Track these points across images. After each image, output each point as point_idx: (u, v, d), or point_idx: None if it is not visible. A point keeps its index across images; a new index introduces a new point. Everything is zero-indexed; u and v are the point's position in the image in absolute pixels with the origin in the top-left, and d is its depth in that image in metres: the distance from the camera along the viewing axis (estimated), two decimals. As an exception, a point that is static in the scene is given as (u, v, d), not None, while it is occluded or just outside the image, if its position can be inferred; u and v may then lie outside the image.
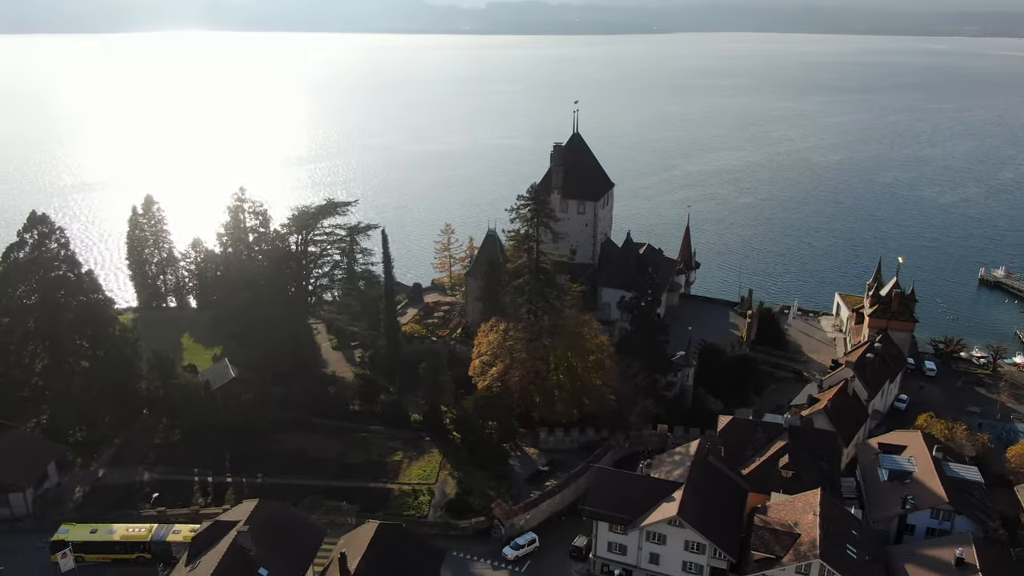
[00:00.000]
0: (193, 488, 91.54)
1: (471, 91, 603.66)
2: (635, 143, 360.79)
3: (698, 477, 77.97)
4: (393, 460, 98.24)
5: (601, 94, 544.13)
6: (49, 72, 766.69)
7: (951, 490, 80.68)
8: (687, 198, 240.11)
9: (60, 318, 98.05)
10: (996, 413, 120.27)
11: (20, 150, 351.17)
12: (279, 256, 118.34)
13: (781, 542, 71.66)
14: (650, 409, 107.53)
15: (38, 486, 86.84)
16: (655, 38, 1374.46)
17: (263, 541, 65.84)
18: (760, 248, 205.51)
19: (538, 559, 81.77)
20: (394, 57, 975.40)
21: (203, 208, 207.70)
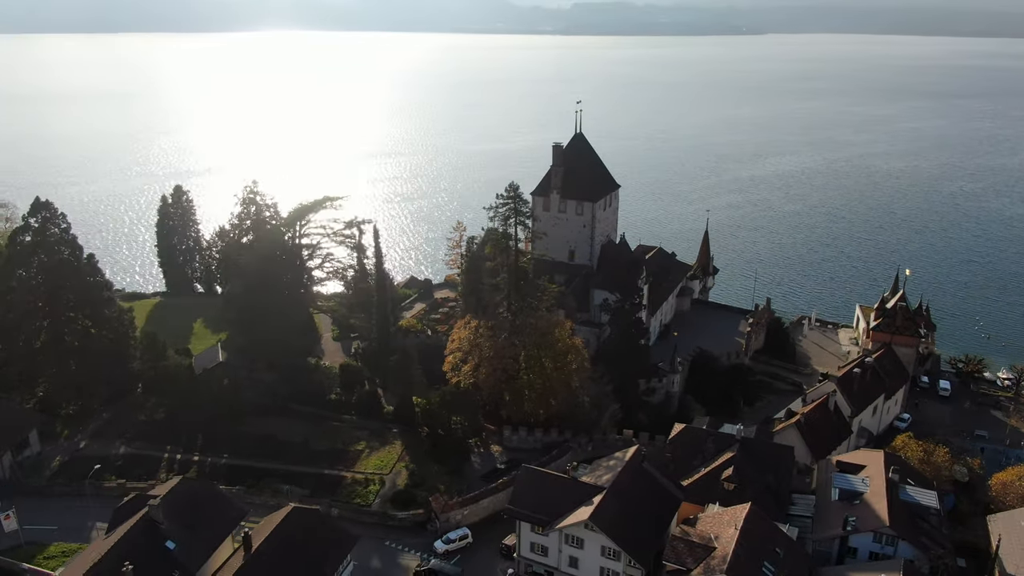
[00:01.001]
0: (160, 464, 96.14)
1: (540, 91, 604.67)
2: (690, 146, 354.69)
3: (624, 483, 76.79)
4: (355, 449, 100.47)
5: (670, 96, 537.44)
6: (159, 69, 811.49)
7: (898, 514, 76.89)
8: (730, 203, 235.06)
9: (59, 298, 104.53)
10: (1005, 438, 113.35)
11: (130, 140, 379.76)
12: (274, 247, 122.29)
13: (694, 554, 70.02)
14: (616, 413, 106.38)
15: (18, 453, 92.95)
16: (743, 40, 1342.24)
17: (178, 516, 68.88)
18: (792, 257, 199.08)
19: (469, 555, 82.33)
20: (474, 56, 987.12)
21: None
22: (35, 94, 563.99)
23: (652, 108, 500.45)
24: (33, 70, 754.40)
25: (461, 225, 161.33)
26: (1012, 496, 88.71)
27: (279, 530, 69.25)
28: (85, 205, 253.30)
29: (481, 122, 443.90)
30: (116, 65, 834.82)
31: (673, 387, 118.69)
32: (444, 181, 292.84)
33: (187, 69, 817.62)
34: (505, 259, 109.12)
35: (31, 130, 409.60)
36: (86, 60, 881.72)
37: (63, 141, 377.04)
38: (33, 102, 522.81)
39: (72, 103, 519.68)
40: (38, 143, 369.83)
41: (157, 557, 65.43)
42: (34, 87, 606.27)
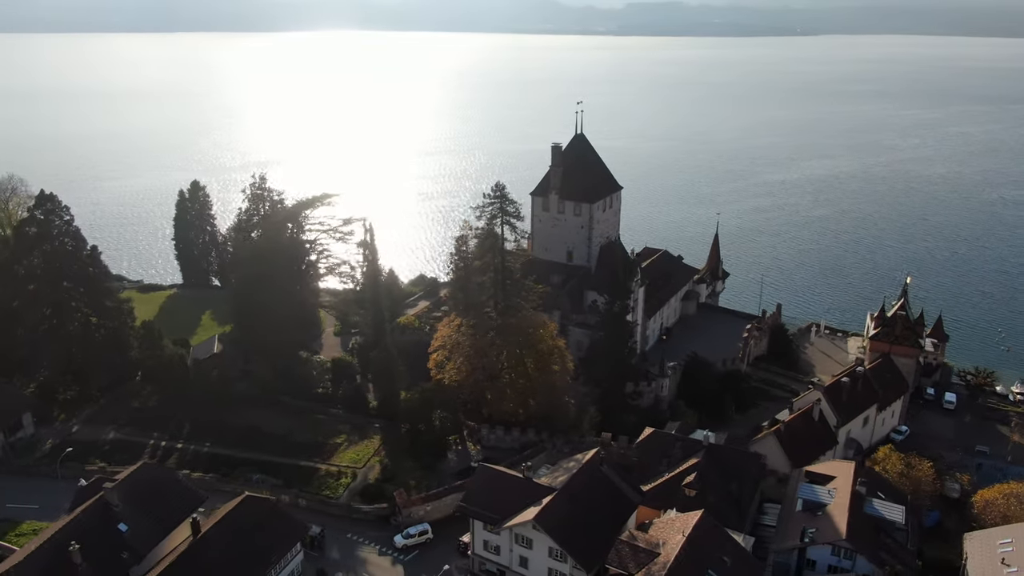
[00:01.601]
0: (145, 450, 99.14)
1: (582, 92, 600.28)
2: (726, 149, 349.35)
3: (577, 485, 76.57)
4: (334, 442, 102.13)
5: (715, 97, 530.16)
6: (218, 67, 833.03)
7: (859, 528, 75.01)
8: (756, 207, 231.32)
9: (61, 287, 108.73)
10: (1007, 455, 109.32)
11: (182, 137, 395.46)
12: (273, 241, 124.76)
13: (637, 559, 69.52)
14: (594, 416, 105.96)
15: (11, 434, 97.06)
16: (797, 41, 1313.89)
17: (134, 500, 71.29)
18: (812, 263, 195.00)
19: (427, 550, 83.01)
20: (522, 57, 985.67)
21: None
22: (97, 92, 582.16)
23: (695, 110, 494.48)
24: (96, 68, 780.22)
25: (468, 224, 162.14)
26: (993, 514, 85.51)
27: (229, 517, 71.04)
28: (121, 199, 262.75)
29: (518, 122, 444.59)
30: (177, 64, 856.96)
31: (662, 391, 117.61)
32: (469, 180, 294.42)
33: (245, 67, 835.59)
34: (492, 258, 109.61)
35: (84, 127, 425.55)
36: (148, 59, 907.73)
37: (115, 137, 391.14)
38: (94, 99, 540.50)
39: (133, 100, 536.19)
40: (89, 139, 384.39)
41: (108, 538, 67.80)
42: (96, 85, 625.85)
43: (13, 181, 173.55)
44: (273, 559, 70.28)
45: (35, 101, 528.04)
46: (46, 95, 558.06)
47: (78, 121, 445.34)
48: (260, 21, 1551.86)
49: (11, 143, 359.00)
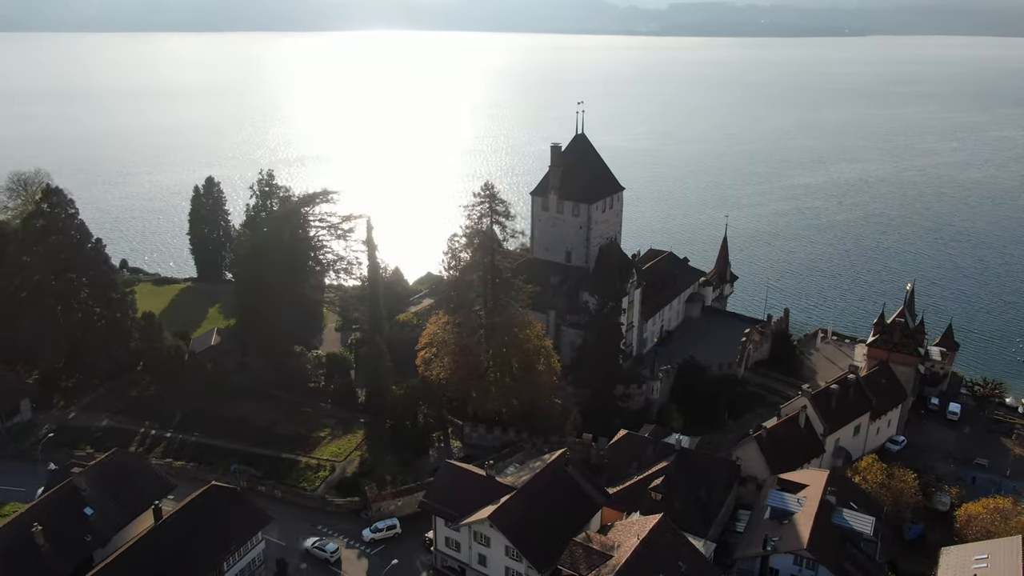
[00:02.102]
0: (135, 439, 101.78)
1: (620, 92, 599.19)
2: (754, 151, 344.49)
3: (539, 485, 76.59)
4: (317, 435, 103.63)
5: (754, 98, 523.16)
6: (266, 66, 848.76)
7: (823, 537, 73.59)
8: (777, 211, 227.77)
9: (65, 278, 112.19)
10: (1007, 468, 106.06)
11: (235, 131, 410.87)
12: (273, 237, 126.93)
13: (589, 561, 69.19)
14: (576, 418, 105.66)
15: (7, 419, 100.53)
16: (845, 41, 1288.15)
17: (103, 485, 73.47)
18: (828, 268, 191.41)
19: (394, 545, 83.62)
20: (564, 57, 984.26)
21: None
22: (152, 90, 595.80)
23: (729, 111, 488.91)
24: (152, 67, 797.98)
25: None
26: (975, 529, 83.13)
27: (192, 504, 72.70)
28: (152, 193, 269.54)
29: (551, 122, 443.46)
30: (229, 62, 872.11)
31: (653, 394, 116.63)
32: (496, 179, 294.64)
33: (294, 66, 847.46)
34: (481, 257, 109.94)
35: (138, 122, 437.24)
36: (202, 58, 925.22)
37: (167, 132, 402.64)
38: (149, 97, 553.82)
39: (185, 98, 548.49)
40: (143, 134, 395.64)
41: (73, 521, 69.94)
42: (151, 84, 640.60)
43: (40, 175, 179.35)
44: (232, 546, 71.64)
45: (91, 99, 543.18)
46: (103, 93, 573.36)
47: (132, 118, 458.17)
48: (309, 21, 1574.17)
49: (68, 138, 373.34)
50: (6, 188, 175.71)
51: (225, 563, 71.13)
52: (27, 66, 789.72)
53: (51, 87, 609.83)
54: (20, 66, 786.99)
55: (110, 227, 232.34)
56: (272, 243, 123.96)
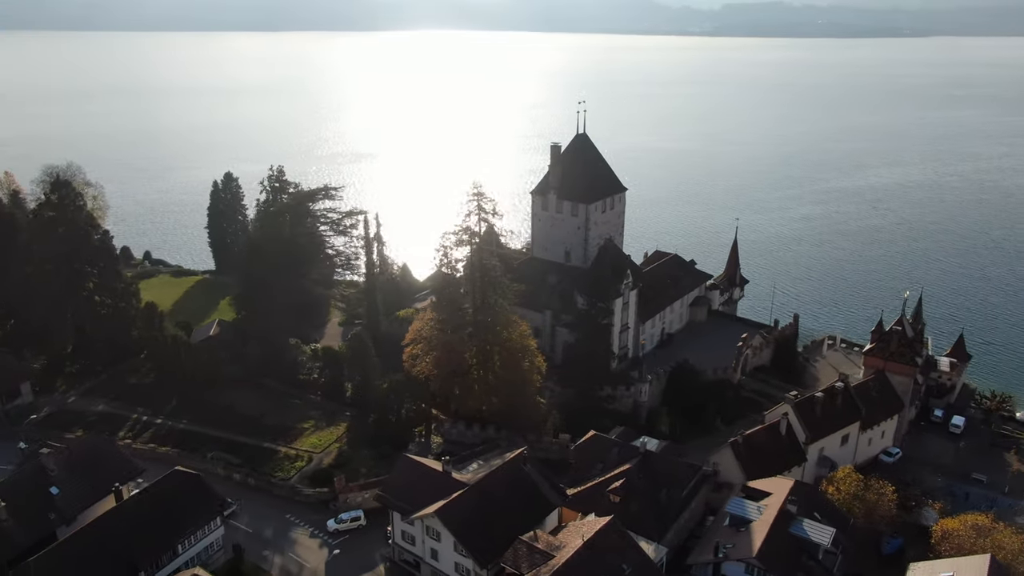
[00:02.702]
0: (126, 423, 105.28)
1: (667, 93, 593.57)
2: (792, 153, 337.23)
3: (492, 483, 76.88)
4: (300, 426, 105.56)
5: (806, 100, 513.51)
6: (322, 64, 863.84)
7: (776, 547, 72.20)
8: (805, 215, 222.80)
9: (72, 267, 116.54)
10: (1005, 485, 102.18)
11: (299, 126, 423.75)
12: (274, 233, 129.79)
13: (531, 560, 69.13)
14: (555, 417, 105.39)
15: (8, 400, 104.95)
16: (905, 42, 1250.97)
17: (71, 467, 76.37)
18: (847, 274, 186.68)
19: (358, 536, 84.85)
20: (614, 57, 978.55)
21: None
22: (209, 87, 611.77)
23: (780, 113, 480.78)
24: (209, 65, 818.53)
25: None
26: (950, 545, 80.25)
27: (153, 487, 75.20)
28: (188, 187, 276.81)
29: (603, 121, 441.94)
30: (284, 61, 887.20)
31: (642, 396, 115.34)
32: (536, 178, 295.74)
33: (347, 65, 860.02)
34: (469, 255, 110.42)
35: (199, 118, 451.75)
36: (258, 57, 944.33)
37: (216, 129, 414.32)
38: (206, 95, 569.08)
39: (240, 96, 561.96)
40: (204, 130, 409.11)
41: (38, 500, 73.01)
42: (209, 81, 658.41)
43: (71, 169, 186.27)
44: (188, 530, 73.64)
45: (154, 96, 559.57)
46: (168, 90, 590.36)
47: (193, 114, 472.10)
48: (363, 21, 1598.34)
49: (126, 133, 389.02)
50: (39, 181, 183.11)
51: (180, 545, 73.14)
52: (98, 64, 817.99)
53: (119, 84, 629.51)
54: (92, 64, 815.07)
55: (144, 219, 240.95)
56: (273, 237, 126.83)
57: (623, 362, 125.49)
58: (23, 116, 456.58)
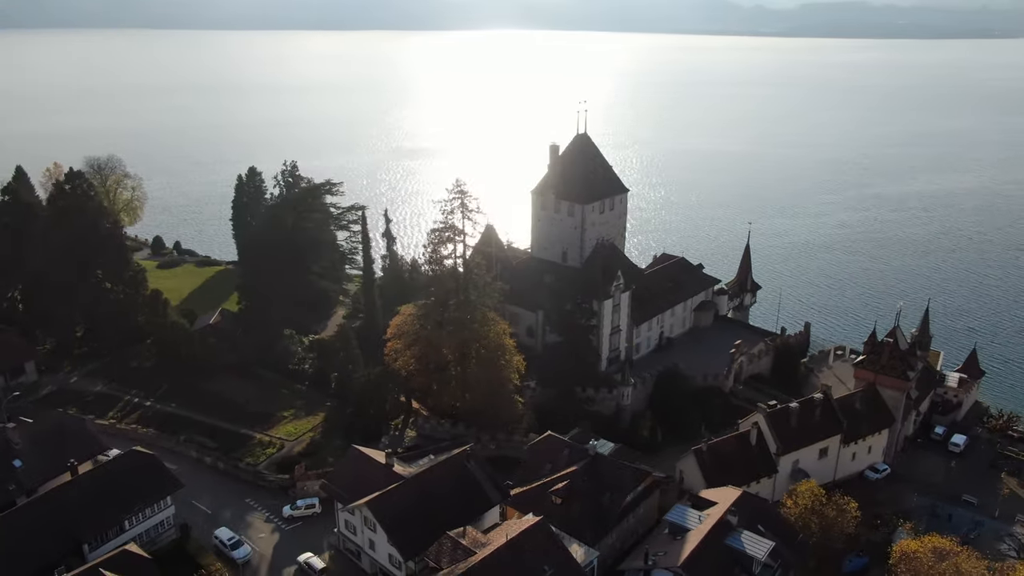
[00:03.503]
0: (117, 404, 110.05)
1: (734, 94, 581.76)
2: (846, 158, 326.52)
3: (431, 478, 77.80)
4: (280, 414, 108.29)
5: (872, 103, 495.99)
6: (390, 62, 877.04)
7: (705, 557, 70.62)
8: (841, 221, 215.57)
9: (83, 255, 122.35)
10: (995, 509, 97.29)
11: (365, 121, 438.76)
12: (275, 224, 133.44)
13: (453, 556, 69.72)
14: (531, 417, 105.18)
15: (12, 378, 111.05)
16: (996, 44, 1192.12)
17: (37, 441, 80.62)
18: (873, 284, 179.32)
19: (312, 524, 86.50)
20: (684, 58, 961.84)
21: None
22: (276, 85, 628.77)
23: (852, 116, 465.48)
24: (285, 63, 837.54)
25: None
26: (907, 569, 76.82)
27: (108, 465, 78.69)
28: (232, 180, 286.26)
29: (673, 123, 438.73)
30: (354, 59, 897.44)
31: (624, 400, 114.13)
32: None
33: (414, 63, 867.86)
34: (452, 252, 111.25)
35: (275, 114, 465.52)
36: (329, 55, 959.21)
37: (300, 124, 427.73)
38: (278, 92, 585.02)
39: (310, 93, 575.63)
40: (281, 125, 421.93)
41: (1, 471, 76.99)
42: (289, 79, 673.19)
43: (112, 161, 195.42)
44: (135, 508, 76.68)
45: (232, 92, 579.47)
46: (246, 87, 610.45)
47: (268, 109, 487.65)
48: (432, 20, 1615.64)
49: (200, 127, 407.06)
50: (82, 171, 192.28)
51: (127, 521, 76.25)
52: (182, 61, 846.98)
53: (199, 80, 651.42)
54: (176, 61, 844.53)
55: (186, 210, 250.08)
56: (275, 230, 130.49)
57: (614, 365, 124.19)
58: (112, 109, 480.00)
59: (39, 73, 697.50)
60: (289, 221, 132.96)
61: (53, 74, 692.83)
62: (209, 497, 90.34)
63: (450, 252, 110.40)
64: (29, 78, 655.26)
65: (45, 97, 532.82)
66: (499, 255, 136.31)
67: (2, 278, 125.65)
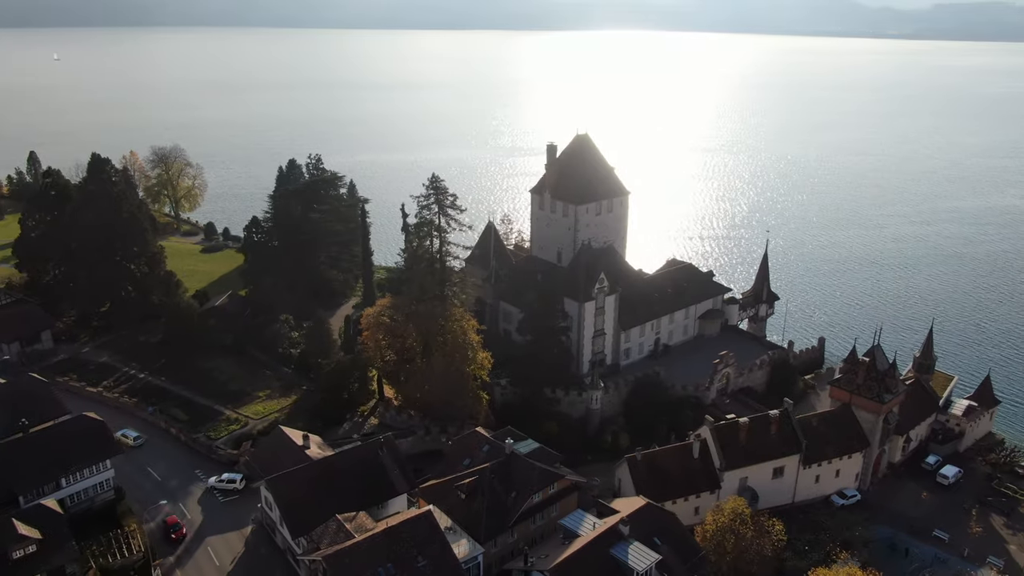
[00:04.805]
0: (114, 375, 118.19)
1: (834, 99, 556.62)
2: (930, 168, 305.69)
3: (338, 464, 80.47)
4: (256, 394, 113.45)
5: (984, 110, 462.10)
6: (502, 61, 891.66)
7: (579, 565, 69.55)
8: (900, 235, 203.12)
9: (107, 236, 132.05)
10: (964, 547, 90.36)
11: (471, 118, 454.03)
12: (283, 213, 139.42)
13: (334, 539, 71.32)
14: (489, 415, 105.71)
15: (27, 345, 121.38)
16: None
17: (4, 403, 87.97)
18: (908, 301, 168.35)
19: (247, 497, 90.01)
20: (793, 60, 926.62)
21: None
22: (394, 83, 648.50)
23: (951, 124, 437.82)
24: (396, 62, 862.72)
25: (507, 219, 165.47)
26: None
27: (56, 426, 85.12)
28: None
29: (790, 126, 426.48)
30: (473, 58, 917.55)
31: (594, 403, 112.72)
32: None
33: (531, 63, 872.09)
34: (429, 247, 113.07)
35: (367, 110, 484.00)
36: (443, 54, 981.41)
37: (392, 119, 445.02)
38: (390, 89, 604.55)
39: (420, 90, 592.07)
40: (366, 122, 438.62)
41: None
42: (396, 77, 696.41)
43: (175, 151, 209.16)
44: (72, 467, 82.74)
45: (346, 88, 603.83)
46: (354, 84, 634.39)
47: (375, 105, 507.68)
48: (547, 20, 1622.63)
49: (306, 121, 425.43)
50: (149, 159, 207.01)
51: (64, 480, 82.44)
52: (304, 58, 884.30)
53: (315, 77, 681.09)
54: (298, 59, 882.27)
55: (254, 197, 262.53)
56: (277, 218, 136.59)
57: (598, 368, 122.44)
58: (240, 102, 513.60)
59: (174, 68, 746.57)
60: (296, 210, 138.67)
61: (188, 68, 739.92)
62: (164, 465, 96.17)
63: (426, 248, 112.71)
64: (161, 72, 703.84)
65: (166, 90, 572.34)
66: (498, 252, 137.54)
67: (40, 254, 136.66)
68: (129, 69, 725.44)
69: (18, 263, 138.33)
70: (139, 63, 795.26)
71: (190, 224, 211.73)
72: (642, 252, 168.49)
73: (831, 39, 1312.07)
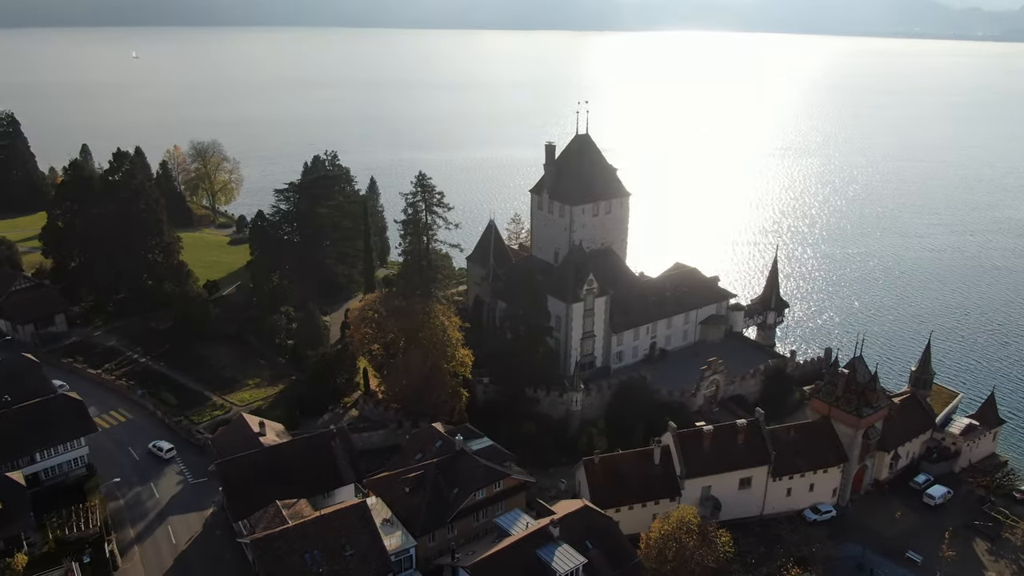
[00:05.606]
0: (117, 358, 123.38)
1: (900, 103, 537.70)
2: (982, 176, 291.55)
3: (287, 452, 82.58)
4: (246, 382, 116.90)
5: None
6: (567, 61, 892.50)
7: (503, 564, 69.74)
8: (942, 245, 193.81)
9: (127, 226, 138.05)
10: (935, 570, 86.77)
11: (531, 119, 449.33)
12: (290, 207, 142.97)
13: (270, 524, 73.13)
14: (463, 413, 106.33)
15: (41, 327, 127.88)
16: None
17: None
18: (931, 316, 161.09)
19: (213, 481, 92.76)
20: (874, 62, 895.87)
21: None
22: (467, 83, 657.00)
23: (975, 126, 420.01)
24: (467, 62, 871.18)
25: (519, 218, 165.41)
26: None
27: (36, 404, 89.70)
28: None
29: (815, 133, 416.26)
30: (533, 59, 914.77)
31: (574, 405, 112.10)
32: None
33: (596, 64, 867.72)
34: (416, 244, 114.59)
35: (422, 110, 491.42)
36: (516, 54, 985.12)
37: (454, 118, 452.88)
38: (459, 89, 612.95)
39: (472, 90, 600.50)
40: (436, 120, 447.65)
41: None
42: (468, 76, 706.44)
43: (213, 145, 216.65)
44: (49, 443, 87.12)
45: (413, 88, 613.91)
46: (430, 84, 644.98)
47: (451, 104, 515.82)
48: (613, 20, 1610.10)
49: (367, 119, 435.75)
50: (188, 153, 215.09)
51: (39, 454, 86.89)
52: (374, 58, 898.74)
53: (379, 76, 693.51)
54: (367, 58, 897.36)
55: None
56: (281, 212, 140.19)
57: (583, 370, 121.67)
58: (303, 99, 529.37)
59: (246, 66, 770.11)
60: (302, 205, 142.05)
61: (263, 66, 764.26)
62: (143, 445, 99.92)
63: (414, 245, 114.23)
64: (232, 71, 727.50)
65: (231, 88, 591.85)
66: (497, 251, 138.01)
67: (64, 242, 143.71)
68: (204, 67, 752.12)
69: (44, 250, 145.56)
70: (214, 62, 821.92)
71: (226, 216, 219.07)
72: (652, 255, 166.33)
73: (910, 40, 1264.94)
